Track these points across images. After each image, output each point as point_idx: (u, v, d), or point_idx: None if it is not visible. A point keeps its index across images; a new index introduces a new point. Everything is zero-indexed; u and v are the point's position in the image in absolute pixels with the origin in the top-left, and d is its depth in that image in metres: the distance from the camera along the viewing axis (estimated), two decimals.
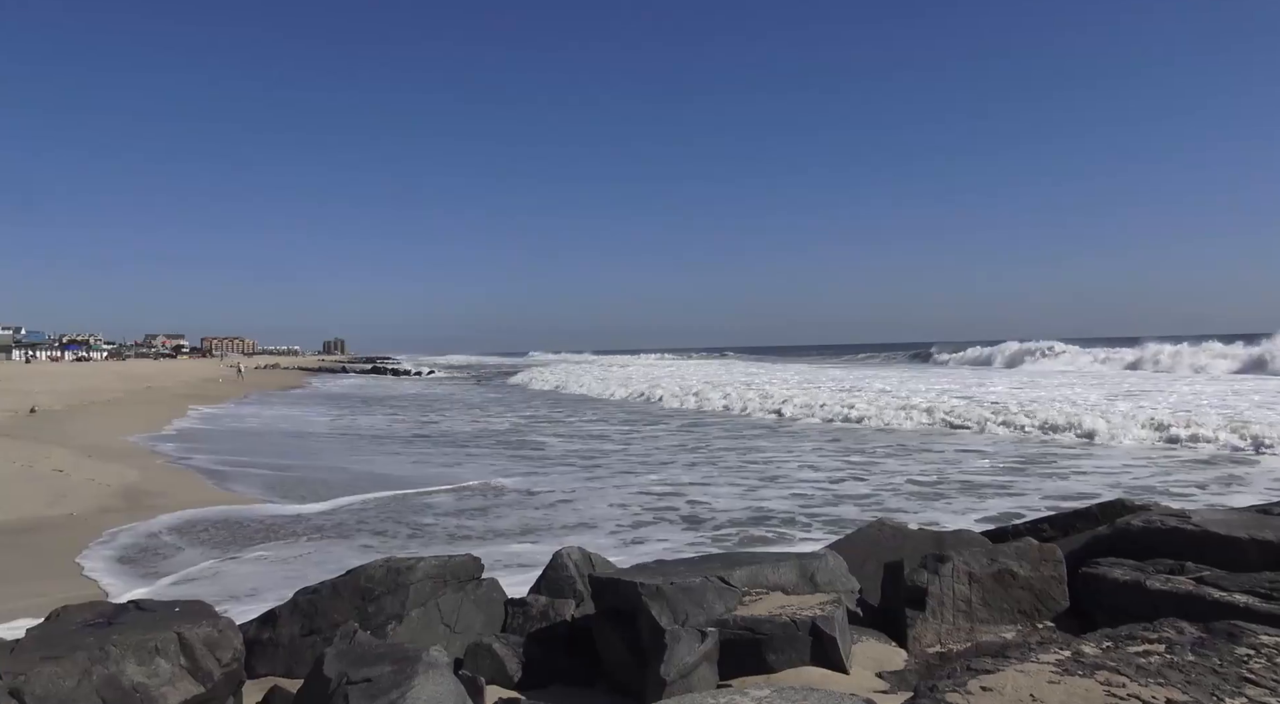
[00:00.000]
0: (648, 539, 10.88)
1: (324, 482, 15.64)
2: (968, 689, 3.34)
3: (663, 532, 11.38)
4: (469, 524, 11.82)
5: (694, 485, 14.89)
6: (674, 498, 13.73)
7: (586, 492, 14.40)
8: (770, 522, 11.77)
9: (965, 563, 5.02)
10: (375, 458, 19.80)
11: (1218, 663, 3.47)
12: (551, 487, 15.01)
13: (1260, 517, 5.90)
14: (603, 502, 13.55)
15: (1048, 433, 20.49)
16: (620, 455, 19.68)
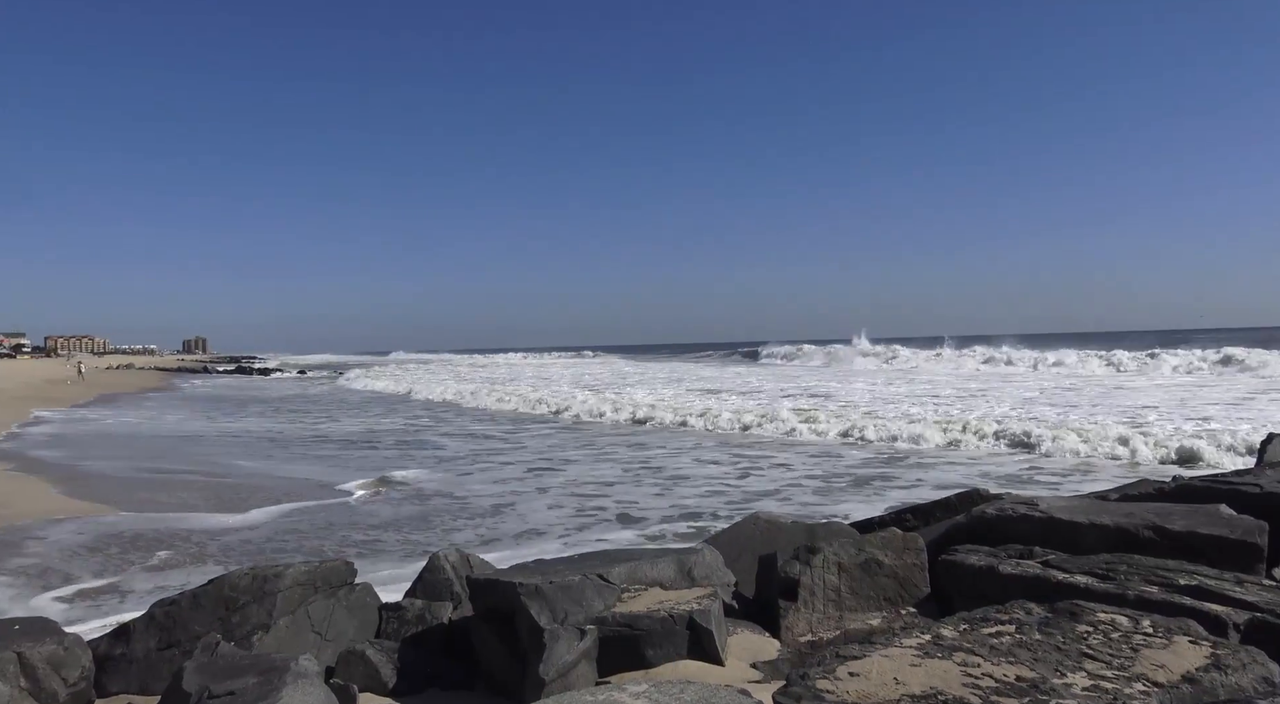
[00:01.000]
0: (588, 541, 10.77)
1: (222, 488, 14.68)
2: (836, 675, 3.47)
3: (608, 531, 11.35)
4: (415, 538, 11.24)
5: (613, 485, 14.86)
6: (600, 498, 13.67)
7: (513, 495, 14.14)
8: (701, 517, 11.92)
9: (835, 553, 5.21)
10: (288, 463, 18.88)
11: (1061, 640, 3.72)
12: (474, 490, 14.65)
13: (1099, 503, 6.36)
14: (539, 503, 13.36)
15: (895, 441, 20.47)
16: (520, 454, 19.53)
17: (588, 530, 11.38)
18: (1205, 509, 5.46)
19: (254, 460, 18.92)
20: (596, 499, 13.55)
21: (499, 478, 15.88)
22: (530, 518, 12.23)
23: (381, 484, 15.22)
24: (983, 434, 18.82)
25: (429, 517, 12.40)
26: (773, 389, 36.57)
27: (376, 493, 14.42)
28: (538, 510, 12.77)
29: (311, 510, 12.85)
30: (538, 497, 13.87)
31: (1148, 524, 5.27)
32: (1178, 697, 3.23)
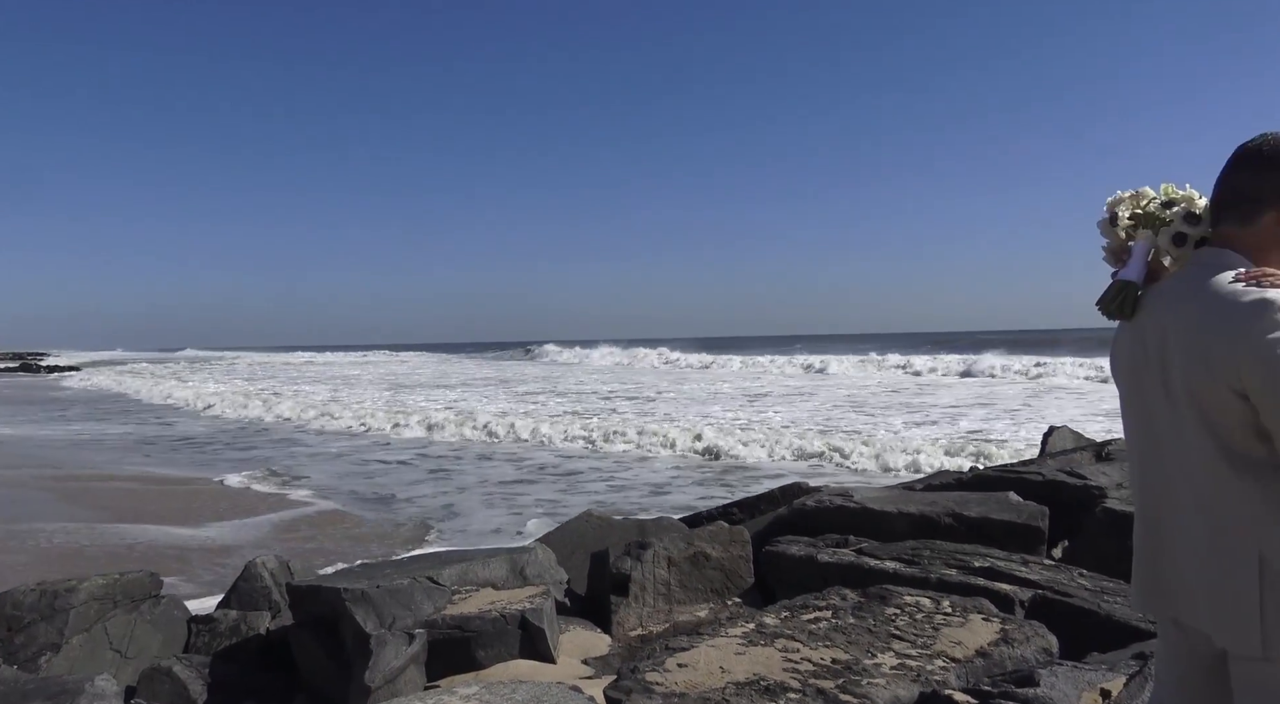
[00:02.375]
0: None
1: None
2: (665, 667, 3.56)
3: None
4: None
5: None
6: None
7: (444, 497, 13.46)
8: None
9: (665, 548, 5.33)
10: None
11: (872, 623, 3.97)
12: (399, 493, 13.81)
13: (906, 493, 6.83)
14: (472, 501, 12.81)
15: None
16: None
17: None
18: (997, 497, 5.97)
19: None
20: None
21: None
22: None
23: None
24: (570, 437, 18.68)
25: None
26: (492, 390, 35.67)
27: None
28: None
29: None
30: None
31: (948, 512, 5.71)
32: (972, 670, 3.53)
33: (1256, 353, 1.67)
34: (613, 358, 62.67)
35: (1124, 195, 2.00)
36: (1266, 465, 1.72)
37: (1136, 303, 1.94)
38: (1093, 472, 6.59)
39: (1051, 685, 3.07)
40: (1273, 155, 1.82)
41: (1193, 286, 1.83)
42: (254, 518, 11.77)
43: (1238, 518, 1.74)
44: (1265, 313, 1.68)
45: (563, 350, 77.96)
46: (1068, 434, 10.01)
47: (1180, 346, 1.81)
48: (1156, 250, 1.96)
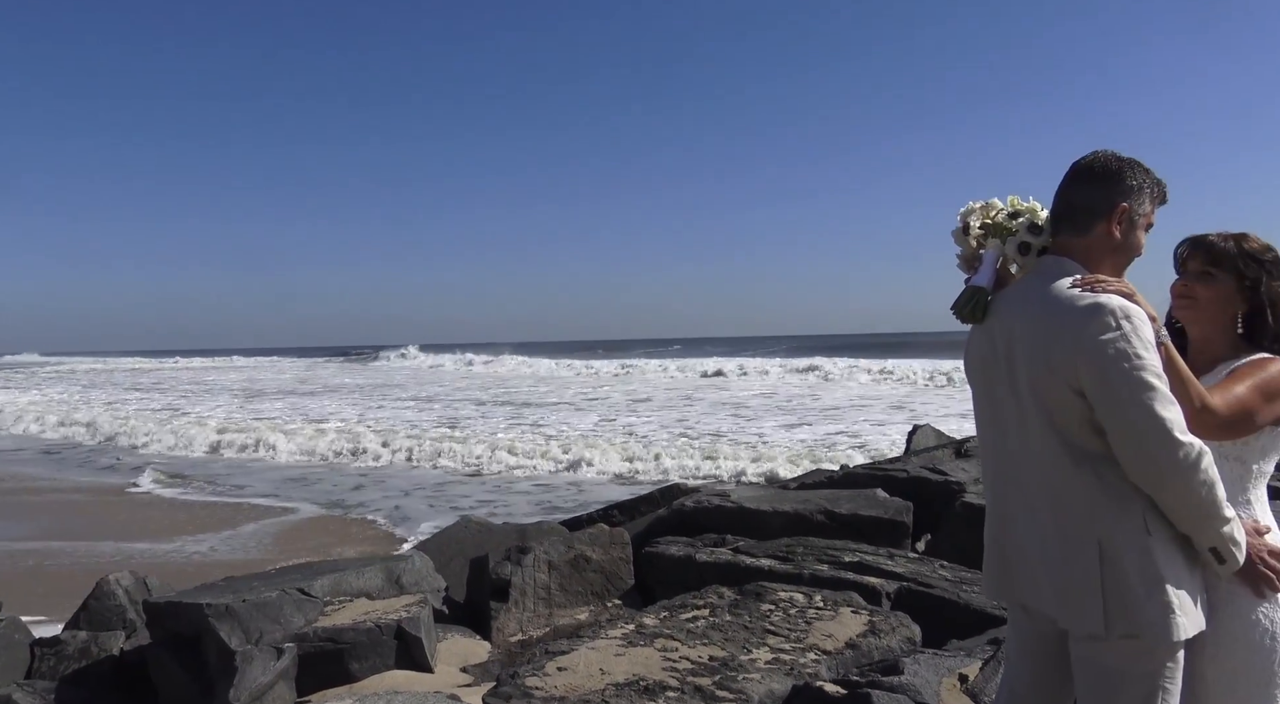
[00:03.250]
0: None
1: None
2: (545, 671, 3.55)
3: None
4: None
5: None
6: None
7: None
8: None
9: (545, 552, 5.31)
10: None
11: (748, 619, 4.07)
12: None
13: (781, 491, 7.04)
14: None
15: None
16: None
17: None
18: (865, 493, 6.22)
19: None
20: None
21: None
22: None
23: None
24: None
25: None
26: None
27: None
28: None
29: None
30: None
31: (820, 509, 5.91)
32: (842, 661, 3.67)
33: (1091, 353, 1.82)
34: (465, 362, 61.11)
35: (975, 206, 2.13)
36: (1102, 458, 1.86)
37: (987, 307, 2.07)
38: (953, 468, 6.95)
39: (915, 673, 3.22)
40: (1103, 171, 1.98)
41: (1035, 292, 1.97)
42: (241, 528, 11.20)
43: (1078, 507, 1.88)
44: (1098, 316, 1.83)
45: (421, 354, 76.57)
46: (930, 432, 10.52)
47: (1025, 348, 1.94)
48: (1004, 258, 2.09)
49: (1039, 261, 2.05)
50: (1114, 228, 1.96)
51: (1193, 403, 1.85)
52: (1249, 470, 1.96)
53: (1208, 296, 2.02)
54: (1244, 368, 1.96)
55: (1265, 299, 1.99)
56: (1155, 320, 1.88)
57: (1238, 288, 2.00)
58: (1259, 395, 1.91)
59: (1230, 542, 1.82)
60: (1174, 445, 1.76)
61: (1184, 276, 2.07)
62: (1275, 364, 1.95)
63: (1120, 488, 1.85)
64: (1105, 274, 1.94)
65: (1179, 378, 1.86)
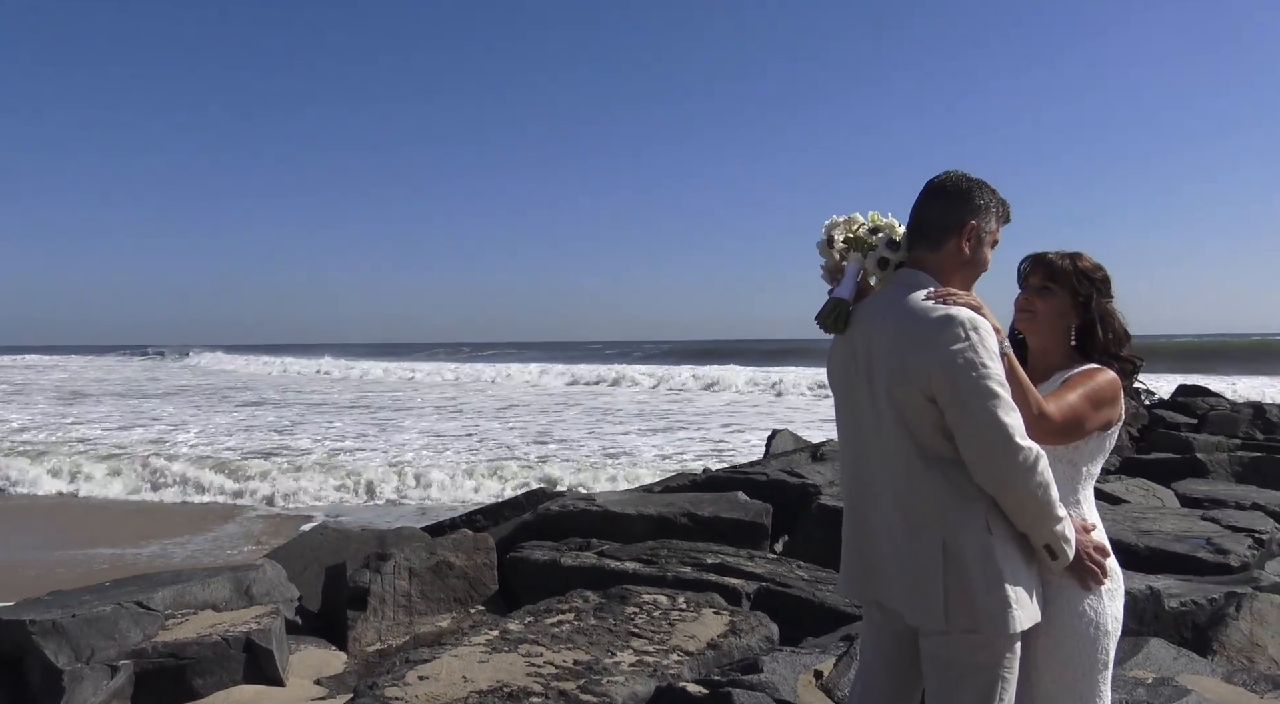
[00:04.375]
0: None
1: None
2: (406, 681, 3.46)
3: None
4: None
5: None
6: None
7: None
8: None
9: (407, 559, 5.18)
10: None
11: (613, 622, 4.09)
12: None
13: (646, 495, 7.11)
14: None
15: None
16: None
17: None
18: (727, 496, 6.37)
19: None
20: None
21: None
22: None
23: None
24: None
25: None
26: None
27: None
28: None
29: None
30: None
31: (683, 512, 6.01)
32: (704, 662, 3.74)
33: (942, 362, 1.92)
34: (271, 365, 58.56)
35: (838, 220, 2.22)
36: (951, 461, 1.97)
37: (849, 318, 2.16)
38: (810, 470, 7.21)
39: (773, 671, 3.32)
40: (954, 190, 2.11)
41: (892, 304, 2.07)
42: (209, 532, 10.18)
43: (927, 507, 1.99)
44: (949, 327, 1.94)
45: (225, 356, 73.61)
46: (788, 437, 10.88)
47: (882, 356, 2.04)
48: (865, 271, 2.19)
49: (896, 274, 2.15)
50: (964, 244, 2.09)
51: (1031, 410, 1.99)
52: (1079, 472, 2.12)
53: (1045, 310, 2.18)
54: (1076, 377, 2.12)
55: (1095, 314, 2.16)
56: (1000, 332, 2.01)
57: (1072, 303, 2.17)
58: (1089, 403, 2.07)
59: (1062, 539, 1.96)
60: (1014, 449, 1.89)
61: (1025, 291, 2.22)
62: (1104, 374, 2.12)
63: (965, 490, 1.96)
64: (956, 287, 2.06)
65: (1019, 386, 1.99)
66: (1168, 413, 11.72)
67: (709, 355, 57.27)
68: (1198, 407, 12.23)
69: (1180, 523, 5.62)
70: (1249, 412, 11.92)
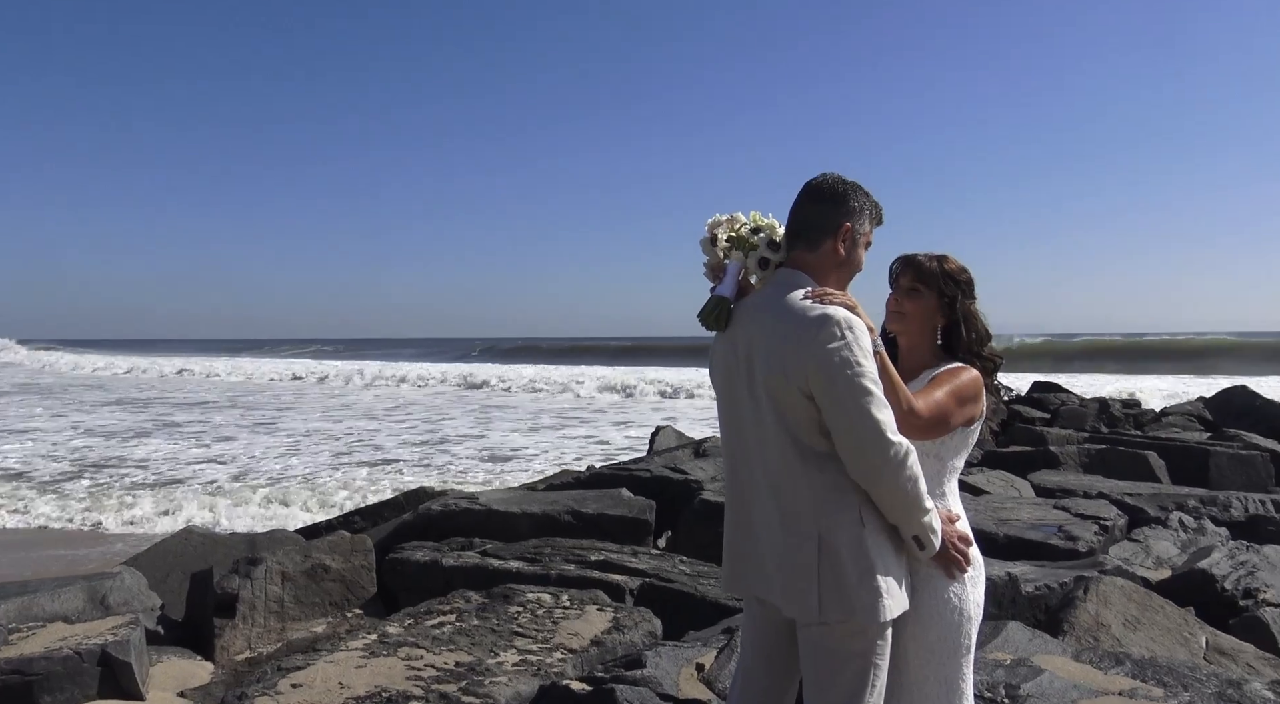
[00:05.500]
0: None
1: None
2: (278, 690, 3.33)
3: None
4: None
5: None
6: None
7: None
8: None
9: (279, 563, 4.98)
10: None
11: (496, 622, 4.05)
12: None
13: (529, 493, 7.07)
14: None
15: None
16: None
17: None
18: (611, 493, 6.39)
19: None
20: None
21: None
22: None
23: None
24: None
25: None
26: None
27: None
28: None
29: None
30: None
31: (567, 509, 6.00)
32: (587, 659, 3.74)
33: (818, 360, 1.99)
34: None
35: (722, 218, 2.26)
36: (827, 457, 2.04)
37: (730, 316, 2.20)
38: (692, 467, 7.32)
39: (656, 665, 3.35)
40: (830, 192, 2.18)
41: (772, 303, 2.13)
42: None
43: (803, 502, 2.05)
44: (826, 326, 2.00)
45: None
46: (671, 433, 11.02)
47: (762, 354, 2.09)
48: (746, 270, 2.24)
49: (775, 274, 2.21)
50: (839, 245, 2.15)
51: (901, 406, 2.07)
52: (945, 466, 2.23)
53: (914, 310, 2.28)
54: (942, 375, 2.22)
55: (960, 315, 2.27)
56: (873, 331, 2.08)
57: (939, 304, 2.27)
58: (954, 400, 2.17)
59: (930, 530, 2.06)
60: (886, 444, 1.97)
61: (896, 292, 2.31)
62: (967, 372, 2.23)
63: (840, 484, 2.03)
64: (832, 287, 2.12)
65: (891, 383, 2.07)
66: (1024, 408, 12.45)
67: (520, 353, 57.07)
68: (1050, 402, 13.05)
69: (1035, 512, 5.97)
70: (1095, 406, 12.80)
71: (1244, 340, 44.78)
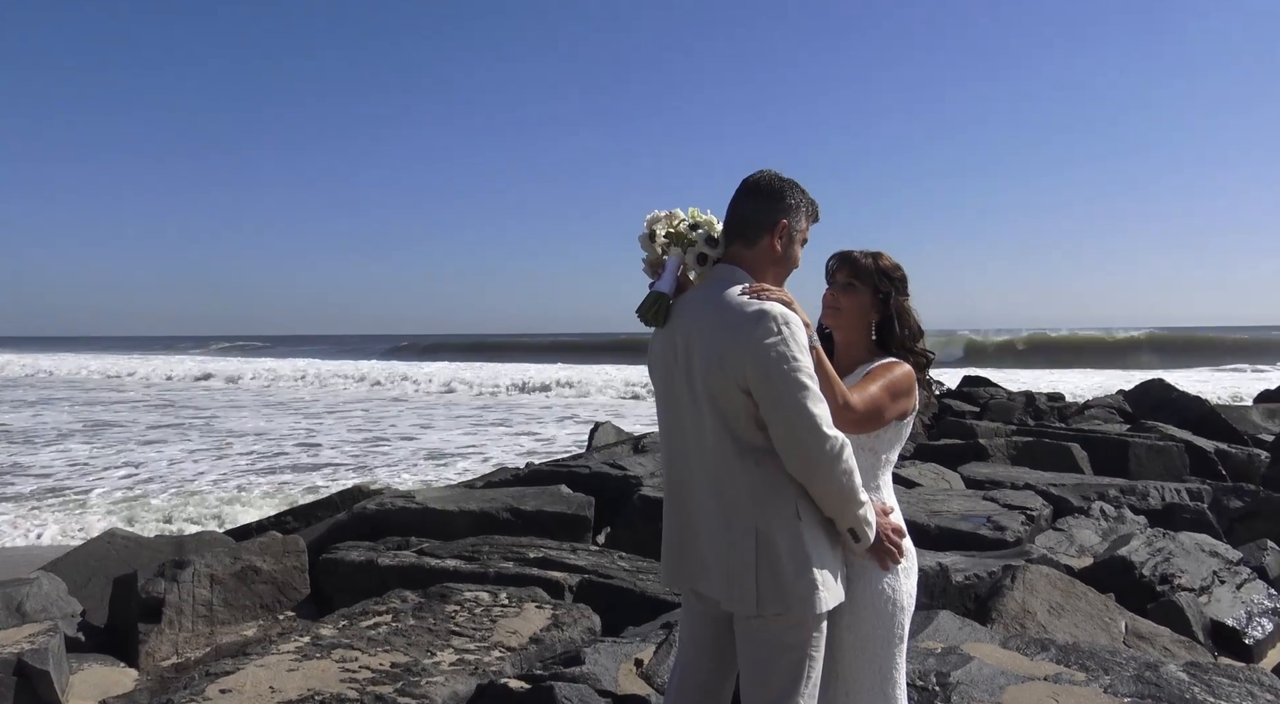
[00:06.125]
0: None
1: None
2: (205, 695, 3.24)
3: None
4: None
5: None
6: None
7: None
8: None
9: (208, 565, 4.85)
10: None
11: (433, 622, 4.00)
12: None
13: (467, 491, 6.99)
14: None
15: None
16: None
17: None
18: (550, 490, 6.37)
19: None
20: None
21: None
22: None
23: None
24: None
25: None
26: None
27: None
28: None
29: None
30: None
31: (506, 507, 5.95)
32: (526, 657, 3.72)
33: (755, 354, 2.00)
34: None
35: (660, 215, 2.26)
36: (765, 451, 2.06)
37: (669, 312, 2.20)
38: (631, 463, 7.33)
39: (595, 662, 3.35)
40: (767, 189, 2.19)
41: (710, 298, 2.14)
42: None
43: (741, 496, 2.06)
44: (762, 322, 2.02)
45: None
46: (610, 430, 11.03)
47: (700, 349, 2.10)
48: (684, 266, 2.24)
49: (713, 269, 2.22)
50: (775, 241, 2.17)
51: (837, 400, 2.10)
52: (879, 459, 2.26)
53: (850, 305, 2.31)
54: (877, 370, 2.26)
55: (894, 311, 2.31)
56: (809, 326, 2.11)
57: (874, 299, 2.31)
58: (888, 394, 2.21)
59: (864, 523, 2.09)
60: (822, 438, 1.99)
61: (832, 287, 2.34)
62: (900, 367, 2.27)
63: (777, 479, 2.05)
64: (769, 283, 2.14)
65: (827, 378, 2.10)
66: (955, 402, 12.77)
67: (439, 350, 56.30)
68: (979, 396, 13.40)
69: (965, 503, 6.12)
70: (1022, 400, 13.18)
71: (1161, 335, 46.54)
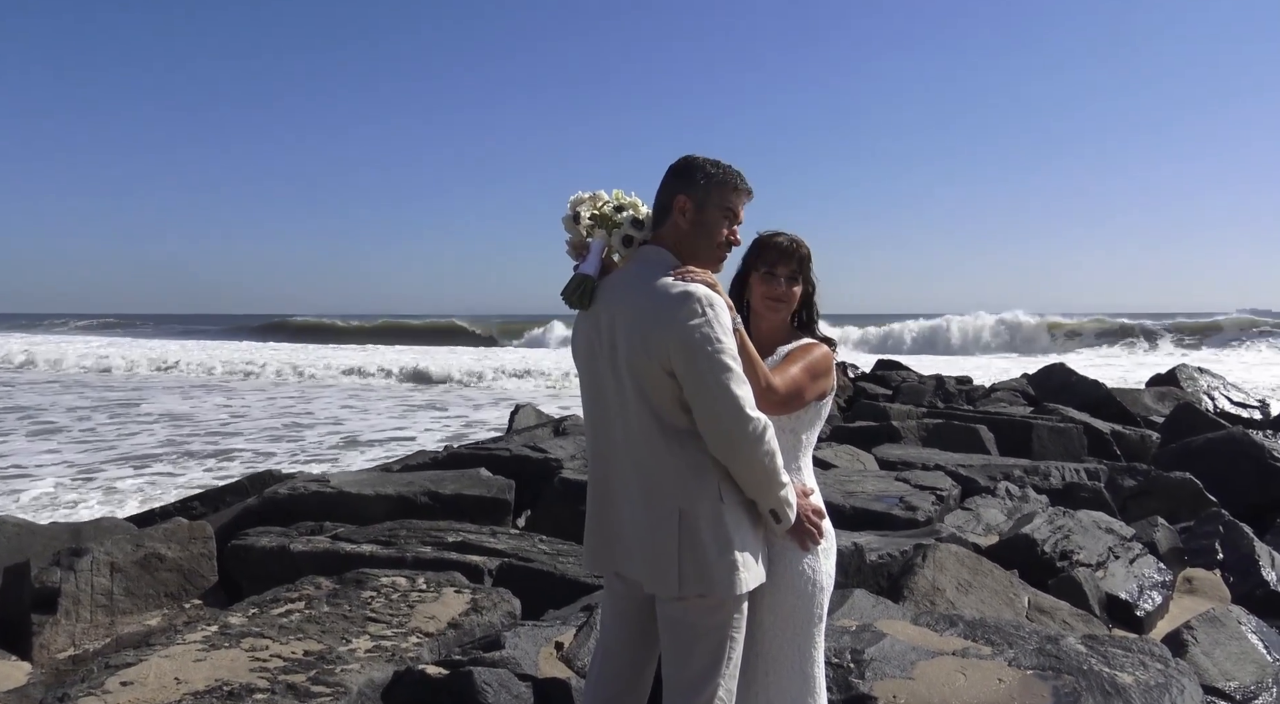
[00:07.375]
0: None
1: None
2: (105, 688, 3.11)
3: None
4: None
5: None
6: None
7: None
8: None
9: (107, 553, 4.65)
10: None
11: (348, 609, 3.91)
12: None
13: (384, 474, 6.86)
14: None
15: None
16: None
17: None
18: (470, 473, 6.29)
19: None
20: None
21: None
22: None
23: None
24: None
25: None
26: None
27: None
28: None
29: None
30: None
31: (424, 490, 5.86)
32: (444, 642, 3.67)
33: (679, 336, 2.00)
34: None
35: (585, 196, 2.24)
36: (688, 433, 2.06)
37: (594, 294, 2.18)
38: (552, 445, 7.30)
39: (515, 646, 3.32)
40: (674, 168, 2.20)
41: (635, 280, 2.12)
42: None
43: (665, 478, 2.07)
44: (687, 303, 2.02)
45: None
46: (531, 412, 10.96)
47: (625, 332, 2.09)
48: (609, 248, 2.22)
49: (639, 252, 2.20)
50: (679, 218, 2.17)
51: (760, 382, 2.11)
52: (800, 441, 2.29)
53: (793, 297, 2.32)
54: (796, 351, 2.28)
55: (811, 293, 2.34)
56: (733, 308, 2.12)
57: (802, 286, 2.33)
58: (808, 375, 2.23)
59: (785, 504, 2.12)
60: (745, 420, 2.00)
61: (774, 282, 2.29)
62: (819, 348, 2.29)
63: (700, 461, 2.06)
64: (698, 265, 2.14)
65: (749, 360, 2.11)
66: (869, 385, 13.08)
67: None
68: (892, 380, 13.76)
69: (879, 484, 6.28)
70: (932, 383, 13.59)
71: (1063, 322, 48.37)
